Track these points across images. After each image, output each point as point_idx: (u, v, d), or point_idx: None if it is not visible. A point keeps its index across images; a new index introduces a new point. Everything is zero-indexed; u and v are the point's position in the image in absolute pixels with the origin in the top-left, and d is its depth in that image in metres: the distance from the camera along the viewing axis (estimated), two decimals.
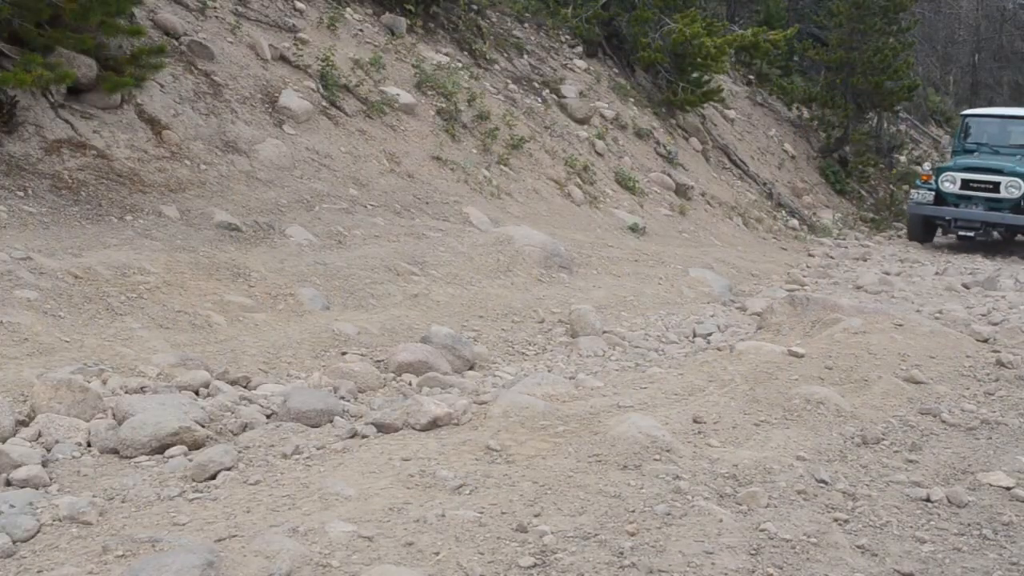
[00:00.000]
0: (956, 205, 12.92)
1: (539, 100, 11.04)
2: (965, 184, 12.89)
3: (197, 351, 4.36)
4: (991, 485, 3.30)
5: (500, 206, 8.61)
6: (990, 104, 25.73)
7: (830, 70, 16.39)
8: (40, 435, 3.26)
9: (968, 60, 25.29)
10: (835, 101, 16.11)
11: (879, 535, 2.87)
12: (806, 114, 17.15)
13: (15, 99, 5.66)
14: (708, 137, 13.71)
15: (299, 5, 9.01)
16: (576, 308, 5.91)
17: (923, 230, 13.55)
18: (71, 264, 4.81)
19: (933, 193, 13.17)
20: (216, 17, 7.85)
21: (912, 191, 13.72)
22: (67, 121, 5.99)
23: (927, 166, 14.15)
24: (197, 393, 3.87)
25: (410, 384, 4.44)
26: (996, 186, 12.66)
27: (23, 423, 3.36)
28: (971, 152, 13.86)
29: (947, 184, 13.02)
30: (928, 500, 3.14)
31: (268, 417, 3.69)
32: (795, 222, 13.23)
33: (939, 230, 13.50)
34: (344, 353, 4.74)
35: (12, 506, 2.72)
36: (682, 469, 3.08)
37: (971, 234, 12.77)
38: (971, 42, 25.00)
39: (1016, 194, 12.53)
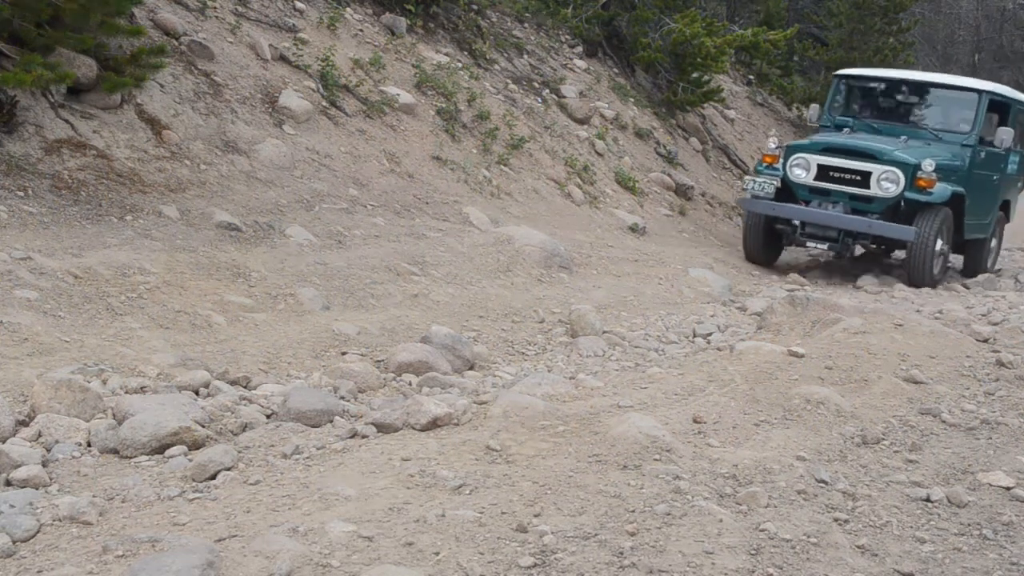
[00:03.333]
0: (807, 202, 9.11)
1: (539, 100, 11.03)
2: (823, 172, 8.99)
3: (197, 351, 4.36)
4: (991, 485, 3.31)
5: (500, 206, 8.61)
6: None
7: (830, 70, 16.38)
8: (40, 435, 3.26)
9: (968, 60, 25.28)
10: None
11: (879, 535, 2.87)
12: (806, 114, 17.13)
13: (15, 99, 5.66)
14: (708, 137, 13.71)
15: (299, 5, 9.01)
16: (576, 308, 5.91)
17: (763, 240, 9.48)
18: (71, 264, 4.81)
19: (777, 182, 9.22)
20: (216, 17, 7.85)
21: (747, 178, 9.65)
22: (67, 121, 5.98)
23: (773, 142, 9.79)
24: (197, 393, 3.87)
25: (410, 384, 4.44)
26: (866, 177, 8.77)
27: (23, 423, 3.36)
28: (842, 129, 10.04)
29: (797, 170, 9.07)
30: (928, 500, 3.14)
31: (268, 417, 3.69)
32: None
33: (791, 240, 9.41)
34: (344, 353, 4.74)
35: (12, 506, 2.72)
36: (682, 469, 3.08)
37: (824, 247, 9.08)
38: (971, 42, 25.01)
39: (893, 191, 8.67)
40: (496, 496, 2.80)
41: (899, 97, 10.21)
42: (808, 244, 9.26)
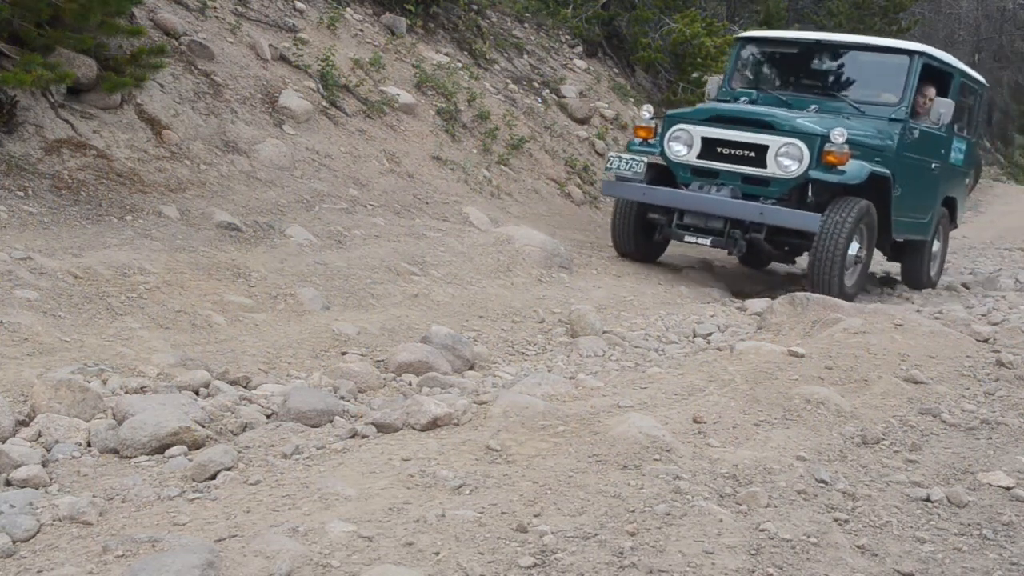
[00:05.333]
0: (687, 185, 7.47)
1: (539, 100, 11.04)
2: (709, 148, 7.30)
3: (197, 351, 4.36)
4: (991, 485, 3.31)
5: (500, 206, 8.61)
6: (991, 104, 25.73)
7: None
8: (40, 435, 3.26)
9: (968, 60, 25.24)
10: None
11: (879, 535, 2.87)
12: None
13: (15, 99, 5.66)
14: None
15: (299, 5, 9.01)
16: (576, 308, 5.91)
17: (635, 232, 7.82)
18: (71, 264, 4.81)
19: (651, 161, 7.60)
20: (216, 17, 7.85)
21: (610, 155, 7.86)
22: (67, 121, 5.98)
23: (648, 112, 7.90)
24: (197, 393, 3.87)
25: (410, 384, 4.44)
26: (761, 153, 7.09)
27: (23, 423, 3.36)
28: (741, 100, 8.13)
29: (676, 146, 7.42)
30: (928, 500, 3.14)
31: (268, 417, 3.69)
32: None
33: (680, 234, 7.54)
34: (344, 353, 4.74)
35: (12, 506, 2.72)
36: (682, 469, 3.08)
37: (706, 241, 7.31)
38: (971, 42, 25.01)
39: (794, 169, 6.99)
40: (496, 496, 2.80)
41: (814, 64, 8.33)
42: (687, 238, 7.45)
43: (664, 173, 7.67)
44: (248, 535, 2.54)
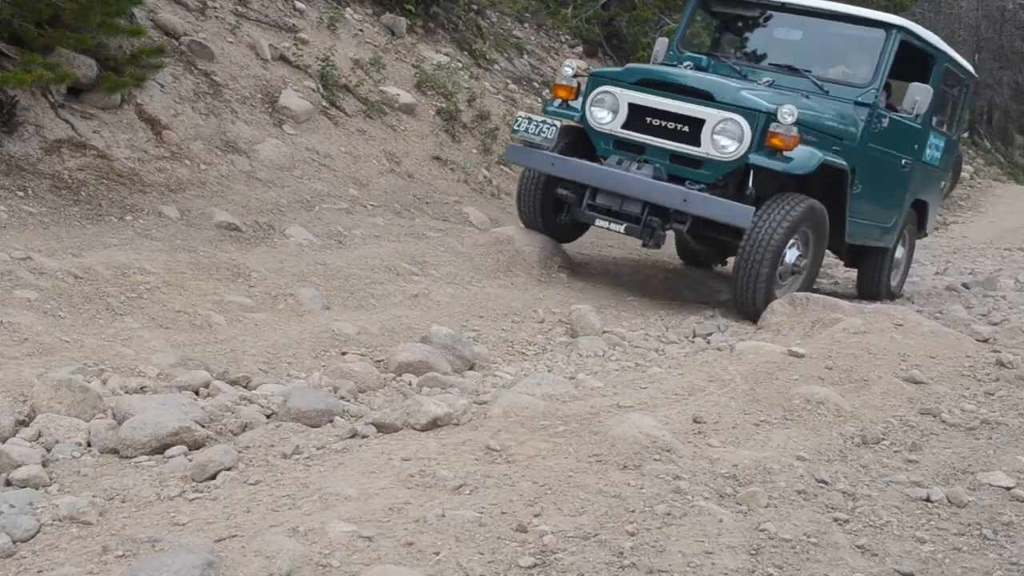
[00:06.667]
0: (605, 158, 6.41)
1: (539, 100, 11.03)
2: (637, 117, 6.25)
3: (197, 351, 4.36)
4: (991, 485, 3.31)
5: (500, 206, 8.61)
6: (991, 104, 25.70)
7: None
8: (40, 435, 3.26)
9: (968, 60, 25.22)
10: None
11: (879, 535, 2.87)
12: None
13: (15, 99, 5.66)
14: None
15: (299, 5, 9.01)
16: (576, 308, 5.91)
17: (542, 207, 6.77)
18: (71, 264, 4.81)
19: (564, 126, 6.56)
20: (216, 17, 7.85)
21: (519, 115, 6.70)
22: (67, 121, 5.98)
23: (570, 68, 6.74)
24: (197, 393, 3.86)
25: (410, 384, 4.44)
26: (696, 128, 6.04)
27: (23, 423, 3.35)
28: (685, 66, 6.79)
29: (599, 111, 6.38)
30: (928, 500, 3.15)
31: (268, 417, 3.69)
32: None
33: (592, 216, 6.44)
34: (344, 353, 4.74)
35: (12, 506, 2.72)
36: (682, 469, 3.08)
37: (620, 228, 6.27)
38: (971, 42, 24.98)
39: (731, 150, 5.93)
40: (496, 496, 2.80)
41: (777, 32, 7.25)
42: (598, 222, 6.34)
43: (584, 142, 6.55)
44: (248, 535, 2.54)
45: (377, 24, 9.97)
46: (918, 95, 6.74)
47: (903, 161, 7.24)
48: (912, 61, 7.01)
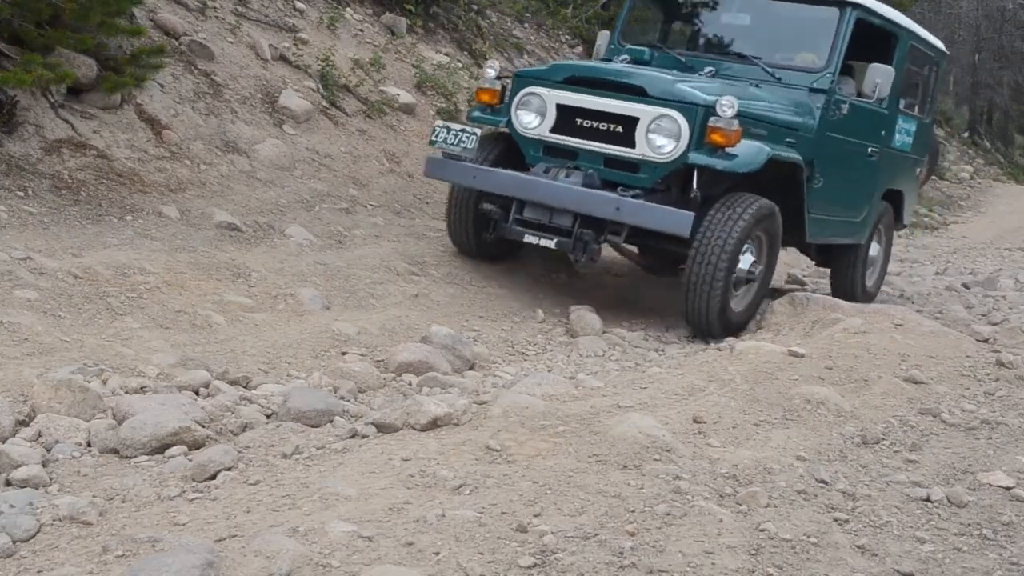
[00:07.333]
0: (532, 167, 5.90)
1: None
2: (567, 119, 5.77)
3: (197, 351, 4.36)
4: (991, 485, 3.31)
5: None
6: (991, 104, 25.70)
7: None
8: (40, 435, 3.26)
9: (968, 60, 25.29)
10: None
11: (879, 535, 2.87)
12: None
13: (15, 99, 5.66)
14: None
15: (299, 5, 9.01)
16: (576, 308, 5.91)
17: (473, 221, 6.23)
18: (71, 264, 4.81)
19: (494, 133, 6.24)
20: (216, 17, 7.85)
21: (437, 124, 6.14)
22: (67, 121, 5.98)
23: (493, 69, 6.27)
24: (197, 393, 3.86)
25: (410, 384, 4.44)
26: (629, 127, 5.55)
27: (23, 423, 3.36)
28: (621, 59, 6.43)
29: (526, 115, 5.90)
30: (928, 500, 3.15)
31: (268, 417, 3.69)
32: None
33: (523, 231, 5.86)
34: (344, 353, 4.74)
35: (12, 506, 2.72)
36: (682, 469, 3.08)
37: (551, 242, 5.72)
38: (971, 42, 25.00)
39: (668, 149, 5.45)
40: (496, 496, 2.80)
41: (724, 17, 6.79)
42: (527, 237, 5.78)
43: (518, 150, 6.03)
44: (248, 535, 2.54)
45: (377, 24, 9.97)
46: (878, 77, 6.25)
47: (869, 149, 6.79)
48: (873, 41, 6.57)
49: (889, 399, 4.06)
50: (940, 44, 7.60)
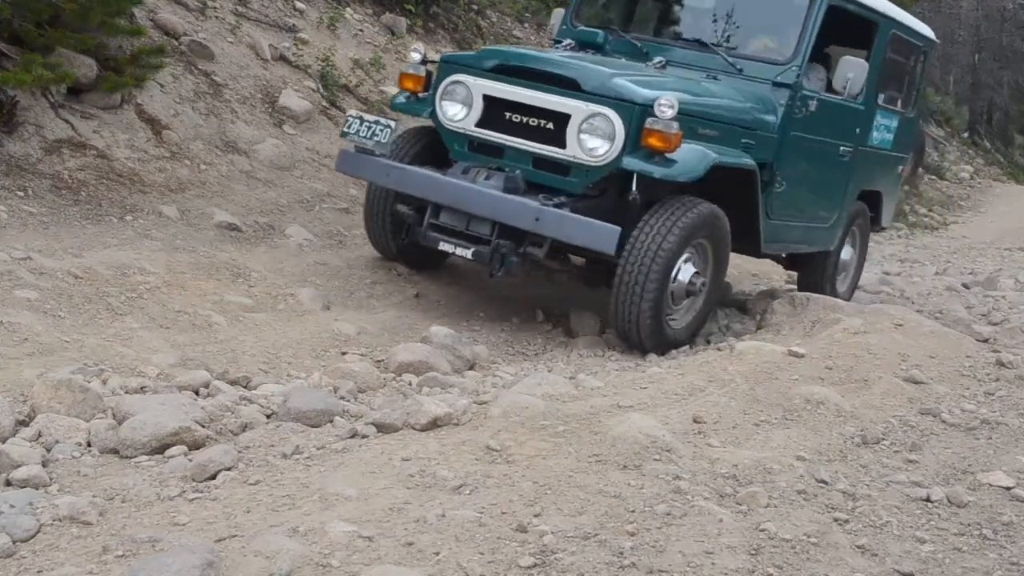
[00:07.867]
0: (455, 163, 5.37)
1: None
2: (494, 112, 5.20)
3: (197, 351, 4.36)
4: (991, 485, 3.31)
5: None
6: (991, 104, 25.70)
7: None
8: (40, 435, 3.26)
9: (968, 60, 25.29)
10: None
11: (879, 535, 2.87)
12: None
13: (15, 99, 5.66)
14: None
15: (299, 5, 9.01)
16: (576, 308, 5.91)
17: (392, 223, 5.71)
18: (71, 264, 4.82)
19: (417, 126, 5.92)
20: (216, 17, 7.85)
21: (349, 114, 5.62)
22: (67, 121, 5.98)
23: (418, 54, 5.64)
24: (197, 393, 3.86)
25: (410, 384, 4.44)
26: (561, 124, 4.99)
27: (23, 423, 3.35)
28: (583, 47, 5.83)
29: (451, 106, 5.33)
30: (928, 500, 3.15)
31: (268, 417, 3.68)
32: None
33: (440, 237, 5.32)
34: (344, 353, 4.75)
35: (12, 506, 2.72)
36: (682, 469, 3.08)
37: (467, 252, 5.15)
38: (971, 42, 25.00)
39: (601, 152, 4.89)
40: (496, 496, 2.80)
41: (689, 2, 6.24)
42: (442, 245, 5.26)
43: (439, 145, 5.48)
44: (248, 535, 2.54)
45: (377, 24, 9.97)
46: (851, 71, 5.66)
47: (841, 149, 6.20)
48: (851, 29, 6.02)
49: (889, 399, 4.06)
50: (928, 32, 7.01)
